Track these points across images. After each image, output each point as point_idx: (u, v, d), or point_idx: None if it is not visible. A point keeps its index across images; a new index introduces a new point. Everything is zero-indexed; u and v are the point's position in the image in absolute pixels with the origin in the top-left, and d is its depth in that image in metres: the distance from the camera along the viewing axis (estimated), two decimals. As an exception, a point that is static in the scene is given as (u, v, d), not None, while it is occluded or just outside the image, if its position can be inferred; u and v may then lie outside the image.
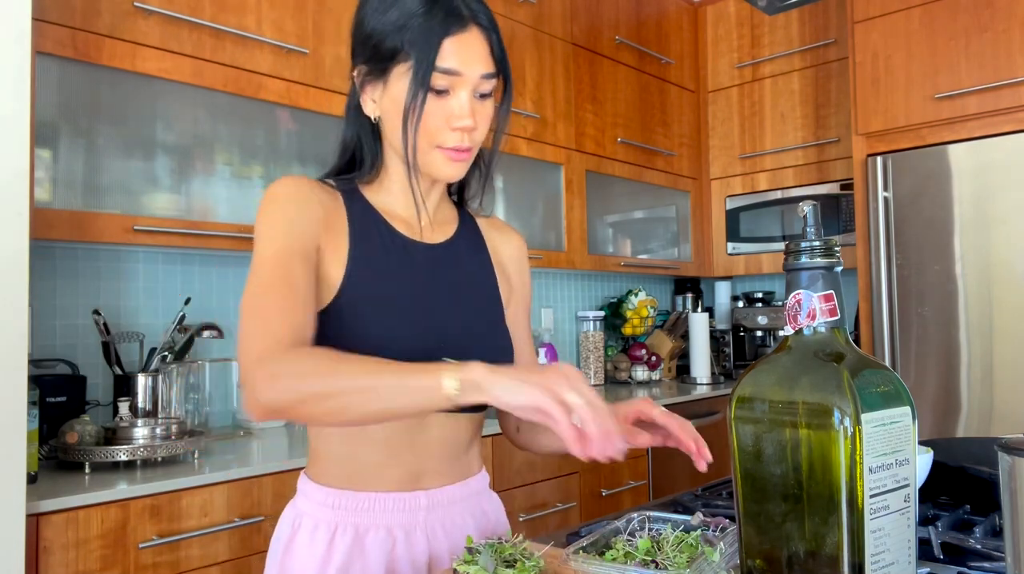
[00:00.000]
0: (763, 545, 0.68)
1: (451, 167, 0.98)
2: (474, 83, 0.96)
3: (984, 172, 2.46)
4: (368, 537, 0.97)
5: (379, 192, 1.05)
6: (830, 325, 0.67)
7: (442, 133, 0.96)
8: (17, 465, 1.30)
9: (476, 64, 0.95)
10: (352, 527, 0.98)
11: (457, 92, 0.95)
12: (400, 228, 1.04)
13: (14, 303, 1.31)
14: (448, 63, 0.93)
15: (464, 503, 1.05)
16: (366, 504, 0.98)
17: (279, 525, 1.05)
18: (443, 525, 1.02)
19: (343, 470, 1.00)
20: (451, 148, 0.96)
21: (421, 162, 0.99)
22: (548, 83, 2.82)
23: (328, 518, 0.98)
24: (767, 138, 3.38)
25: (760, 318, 3.43)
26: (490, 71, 0.97)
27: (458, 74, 0.94)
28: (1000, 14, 2.45)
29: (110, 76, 1.78)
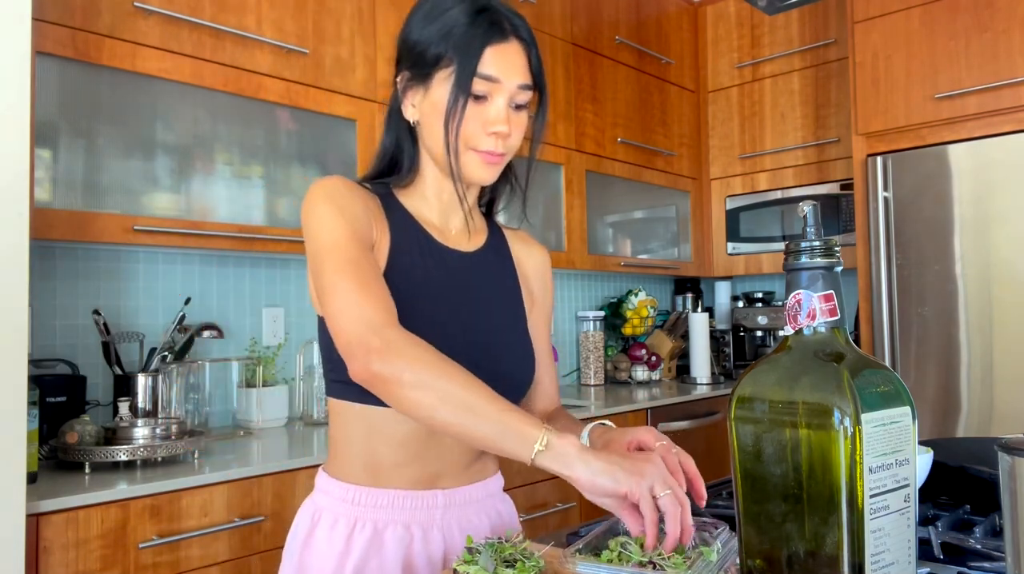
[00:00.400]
0: (763, 545, 0.68)
1: (484, 170, 1.02)
2: (511, 92, 1.00)
3: (984, 172, 2.46)
4: (387, 533, 1.00)
5: (413, 197, 1.09)
6: (830, 325, 0.67)
7: (478, 137, 1.00)
8: (17, 465, 1.30)
9: (514, 74, 0.99)
10: (371, 523, 1.00)
11: (494, 99, 0.99)
12: (434, 234, 1.08)
13: (14, 303, 1.31)
14: (488, 70, 0.98)
15: (480, 504, 1.08)
16: (385, 501, 1.01)
17: (297, 519, 1.07)
18: (459, 524, 1.05)
19: (363, 468, 1.02)
20: (485, 151, 1.00)
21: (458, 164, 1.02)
22: (548, 83, 2.81)
23: (348, 513, 1.01)
24: (767, 138, 3.38)
25: (760, 318, 3.43)
26: (527, 83, 1.01)
27: (497, 81, 0.98)
28: (1000, 14, 2.45)
29: (110, 76, 1.78)
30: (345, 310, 0.89)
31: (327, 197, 0.98)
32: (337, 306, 0.89)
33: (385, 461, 1.02)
